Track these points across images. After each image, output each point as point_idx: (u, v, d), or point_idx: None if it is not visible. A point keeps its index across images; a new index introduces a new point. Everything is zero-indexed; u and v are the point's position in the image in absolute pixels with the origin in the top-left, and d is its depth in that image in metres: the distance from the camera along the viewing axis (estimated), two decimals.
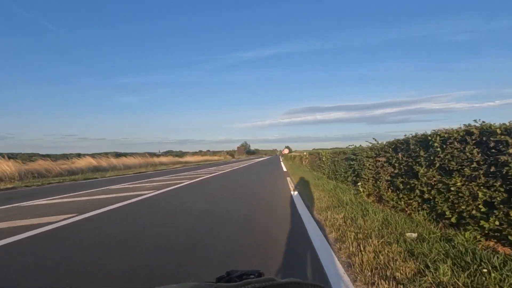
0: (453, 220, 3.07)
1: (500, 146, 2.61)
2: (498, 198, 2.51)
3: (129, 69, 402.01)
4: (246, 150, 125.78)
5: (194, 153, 58.43)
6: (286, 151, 65.42)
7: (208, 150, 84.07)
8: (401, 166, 4.16)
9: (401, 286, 1.97)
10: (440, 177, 3.26)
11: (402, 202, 4.12)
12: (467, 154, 2.88)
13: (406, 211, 4.04)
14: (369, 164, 5.40)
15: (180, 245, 3.10)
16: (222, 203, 5.79)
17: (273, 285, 0.36)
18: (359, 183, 5.97)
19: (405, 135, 4.23)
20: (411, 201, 3.91)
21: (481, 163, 2.73)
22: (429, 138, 3.49)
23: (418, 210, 3.73)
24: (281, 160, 39.80)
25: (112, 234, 3.58)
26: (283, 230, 3.63)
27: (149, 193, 7.20)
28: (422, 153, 3.61)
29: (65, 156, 21.21)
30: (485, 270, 2.04)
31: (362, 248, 2.67)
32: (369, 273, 2.18)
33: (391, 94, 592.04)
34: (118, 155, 25.09)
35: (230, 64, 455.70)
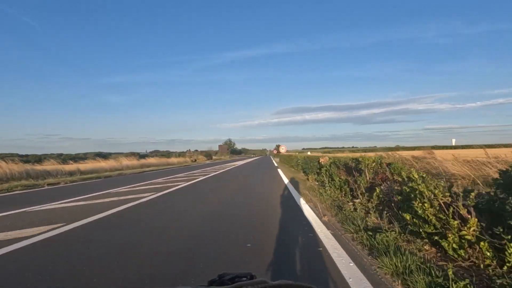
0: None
1: None
2: None
3: (116, 68, 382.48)
4: (230, 149, 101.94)
5: (130, 154, 34.38)
6: (284, 148, 44.72)
7: (196, 150, 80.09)
8: None
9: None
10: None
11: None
12: None
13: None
14: None
15: None
16: None
17: (265, 287, 0.36)
18: None
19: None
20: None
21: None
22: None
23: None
24: (275, 163, 24.52)
25: None
26: None
27: None
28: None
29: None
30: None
31: None
32: None
33: (378, 95, 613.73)
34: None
35: (219, 64, 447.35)
